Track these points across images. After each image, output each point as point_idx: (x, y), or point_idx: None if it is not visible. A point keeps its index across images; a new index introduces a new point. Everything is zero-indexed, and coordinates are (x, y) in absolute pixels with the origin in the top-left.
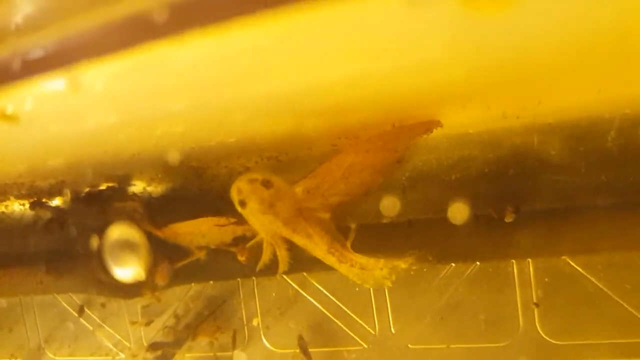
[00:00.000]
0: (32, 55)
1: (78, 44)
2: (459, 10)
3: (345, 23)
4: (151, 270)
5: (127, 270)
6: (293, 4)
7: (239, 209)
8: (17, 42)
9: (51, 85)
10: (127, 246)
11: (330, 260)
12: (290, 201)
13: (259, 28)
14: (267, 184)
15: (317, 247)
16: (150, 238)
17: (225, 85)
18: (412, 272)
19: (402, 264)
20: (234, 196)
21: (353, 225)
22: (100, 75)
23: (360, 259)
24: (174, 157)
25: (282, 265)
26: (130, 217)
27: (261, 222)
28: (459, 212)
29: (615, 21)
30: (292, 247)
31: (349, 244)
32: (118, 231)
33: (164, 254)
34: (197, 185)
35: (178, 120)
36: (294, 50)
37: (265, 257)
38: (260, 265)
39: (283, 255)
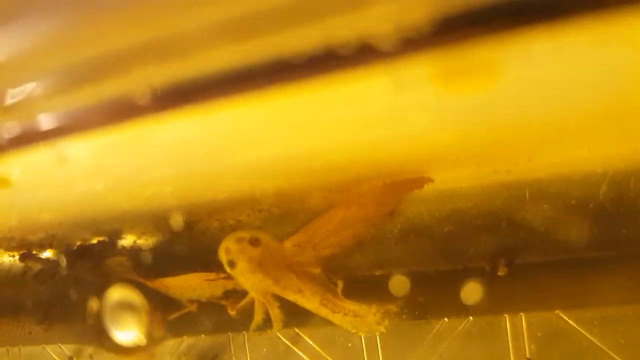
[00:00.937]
0: (19, 129)
1: (64, 120)
2: (441, 91)
3: (334, 103)
4: (150, 331)
5: (129, 334)
6: (282, 84)
7: (228, 269)
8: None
9: (38, 157)
10: (128, 310)
11: (323, 312)
12: (280, 258)
13: (249, 107)
14: (255, 242)
15: (309, 301)
16: (148, 296)
17: (213, 155)
18: (404, 325)
19: (393, 308)
20: (223, 256)
21: (340, 282)
22: (85, 149)
23: (353, 306)
24: (164, 213)
25: (276, 325)
26: (119, 272)
27: (251, 281)
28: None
29: (600, 88)
30: (284, 302)
31: (339, 292)
32: (119, 294)
33: (156, 304)
34: (187, 238)
35: (166, 183)
36: (281, 128)
37: (258, 317)
38: (253, 326)
39: (276, 314)
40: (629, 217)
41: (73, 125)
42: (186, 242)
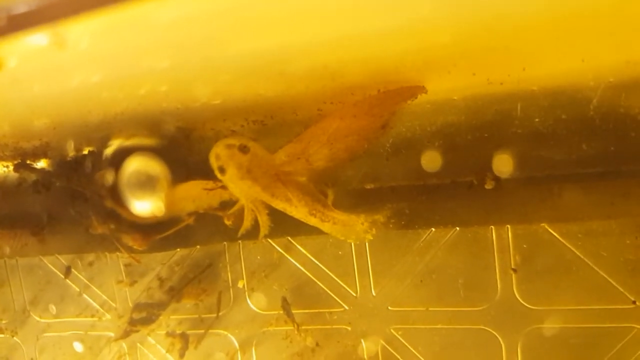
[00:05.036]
0: (16, 10)
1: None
2: None
3: None
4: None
5: (146, 203)
6: None
7: (219, 175)
8: None
9: (36, 42)
10: (146, 178)
11: (312, 221)
12: (268, 166)
13: None
14: (244, 149)
15: (298, 210)
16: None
17: (209, 43)
18: (392, 234)
19: (381, 218)
20: (213, 162)
21: (331, 190)
22: (85, 32)
23: (342, 216)
24: (159, 116)
25: (263, 229)
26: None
27: (240, 187)
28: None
29: None
30: (276, 212)
31: (330, 203)
32: (137, 163)
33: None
34: (185, 146)
35: (162, 79)
36: (280, 8)
37: (247, 222)
38: (241, 231)
39: (264, 220)
40: (617, 134)
41: (71, 5)
42: (184, 150)
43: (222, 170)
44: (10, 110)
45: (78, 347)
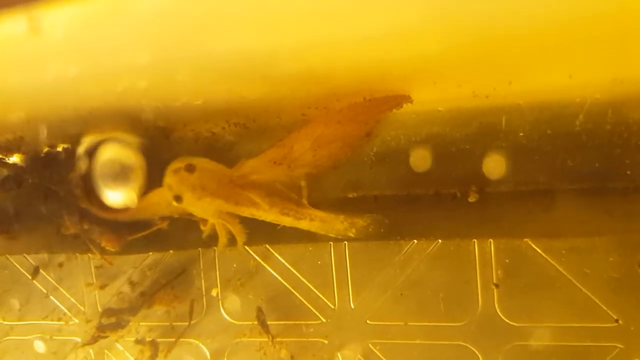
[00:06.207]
0: None
1: None
2: None
3: None
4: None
5: (119, 193)
6: None
7: (177, 204)
8: None
9: (11, 27)
10: (120, 168)
11: (286, 221)
12: (221, 176)
13: None
14: (190, 169)
15: (267, 212)
16: (147, 160)
17: (192, 39)
18: (373, 245)
19: (361, 222)
20: (168, 195)
21: (303, 183)
22: (62, 20)
23: (320, 213)
24: (138, 114)
25: (240, 238)
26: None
27: (202, 207)
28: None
29: (590, 6)
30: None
31: (305, 201)
32: (110, 152)
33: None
34: (165, 147)
35: (141, 75)
36: (266, 8)
37: (222, 238)
38: (220, 247)
39: (237, 230)
40: (603, 151)
41: None
42: (164, 150)
43: (178, 199)
44: None
45: (40, 346)
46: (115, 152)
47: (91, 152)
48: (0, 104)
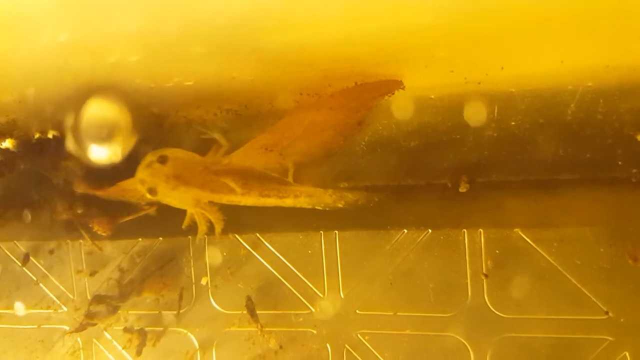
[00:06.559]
0: None
1: None
2: None
3: None
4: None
5: (104, 149)
6: None
7: (152, 197)
8: None
9: None
10: (105, 123)
11: (268, 202)
12: (194, 164)
13: None
14: (162, 160)
15: (246, 197)
16: (134, 117)
17: (183, 7)
18: (364, 235)
19: (350, 195)
20: (141, 189)
21: (290, 164)
22: None
23: (306, 188)
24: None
25: (218, 226)
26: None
27: (177, 197)
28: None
29: None
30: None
31: (290, 179)
32: (96, 107)
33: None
34: (157, 136)
35: (132, 46)
36: None
37: (202, 226)
38: (200, 235)
39: (216, 217)
40: (594, 141)
41: None
42: (157, 138)
43: (152, 191)
44: None
45: (20, 307)
46: (101, 106)
47: (78, 106)
48: None
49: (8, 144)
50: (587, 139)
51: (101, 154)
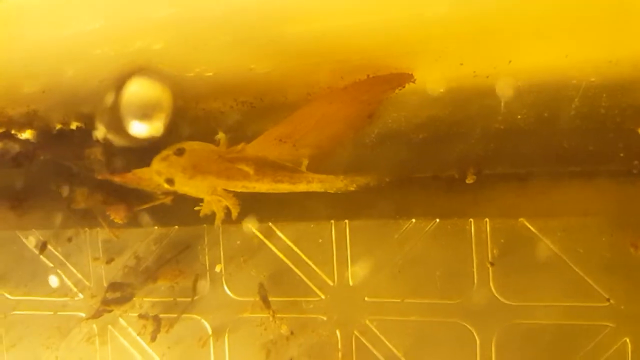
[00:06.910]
0: None
1: None
2: None
3: None
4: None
5: (145, 124)
6: None
7: (170, 188)
8: None
9: None
10: (147, 98)
11: (282, 188)
12: (209, 153)
13: None
14: (179, 152)
15: (260, 182)
16: (174, 92)
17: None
18: (373, 224)
19: (361, 179)
20: (158, 180)
21: (305, 161)
22: None
23: (318, 175)
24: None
25: (234, 211)
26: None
27: (195, 187)
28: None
29: None
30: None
31: (304, 168)
32: (138, 84)
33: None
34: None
35: (157, 34)
36: None
37: (219, 213)
38: (217, 222)
39: (232, 203)
40: (597, 134)
41: None
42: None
43: (170, 181)
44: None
45: (54, 281)
46: (143, 83)
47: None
48: (16, 75)
49: (28, 134)
50: (590, 133)
51: (142, 129)
